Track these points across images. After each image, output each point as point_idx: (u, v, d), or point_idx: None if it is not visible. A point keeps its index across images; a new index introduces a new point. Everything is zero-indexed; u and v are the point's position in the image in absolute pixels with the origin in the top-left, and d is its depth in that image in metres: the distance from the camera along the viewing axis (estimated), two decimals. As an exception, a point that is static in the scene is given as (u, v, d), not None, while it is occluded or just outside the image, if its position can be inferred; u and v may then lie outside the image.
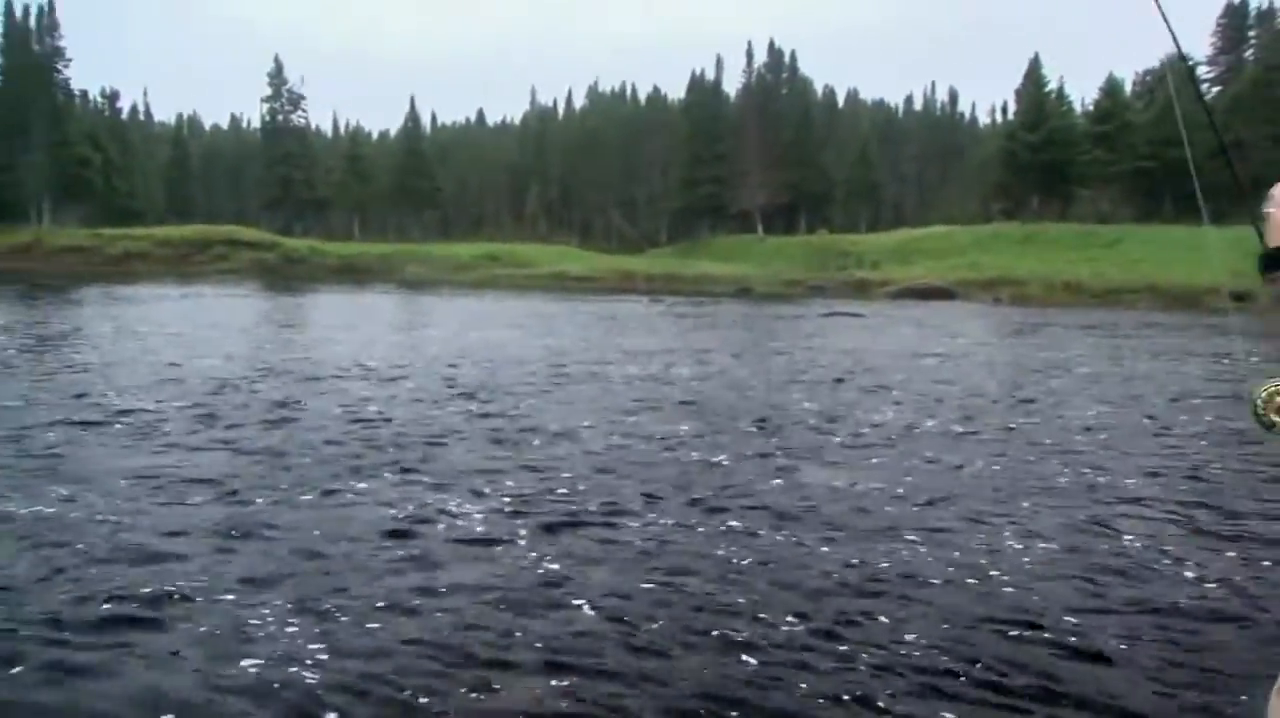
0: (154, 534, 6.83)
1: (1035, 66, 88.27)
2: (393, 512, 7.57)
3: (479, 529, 7.18)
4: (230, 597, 5.59)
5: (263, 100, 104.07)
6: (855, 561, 6.51)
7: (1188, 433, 12.28)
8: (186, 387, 14.34)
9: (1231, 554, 6.82)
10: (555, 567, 6.30)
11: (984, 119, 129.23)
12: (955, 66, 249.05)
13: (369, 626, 5.24)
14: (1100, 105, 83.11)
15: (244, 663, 4.74)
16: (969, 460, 10.12)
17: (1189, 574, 6.35)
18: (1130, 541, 7.12)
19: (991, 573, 6.30)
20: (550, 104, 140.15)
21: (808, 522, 7.55)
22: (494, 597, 5.68)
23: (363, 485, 8.42)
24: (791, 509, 7.90)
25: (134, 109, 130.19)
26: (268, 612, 5.37)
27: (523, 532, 7.11)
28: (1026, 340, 28.53)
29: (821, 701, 4.47)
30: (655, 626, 5.33)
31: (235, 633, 5.09)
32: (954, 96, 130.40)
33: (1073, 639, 5.18)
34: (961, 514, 7.82)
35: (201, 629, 5.12)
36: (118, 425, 11.17)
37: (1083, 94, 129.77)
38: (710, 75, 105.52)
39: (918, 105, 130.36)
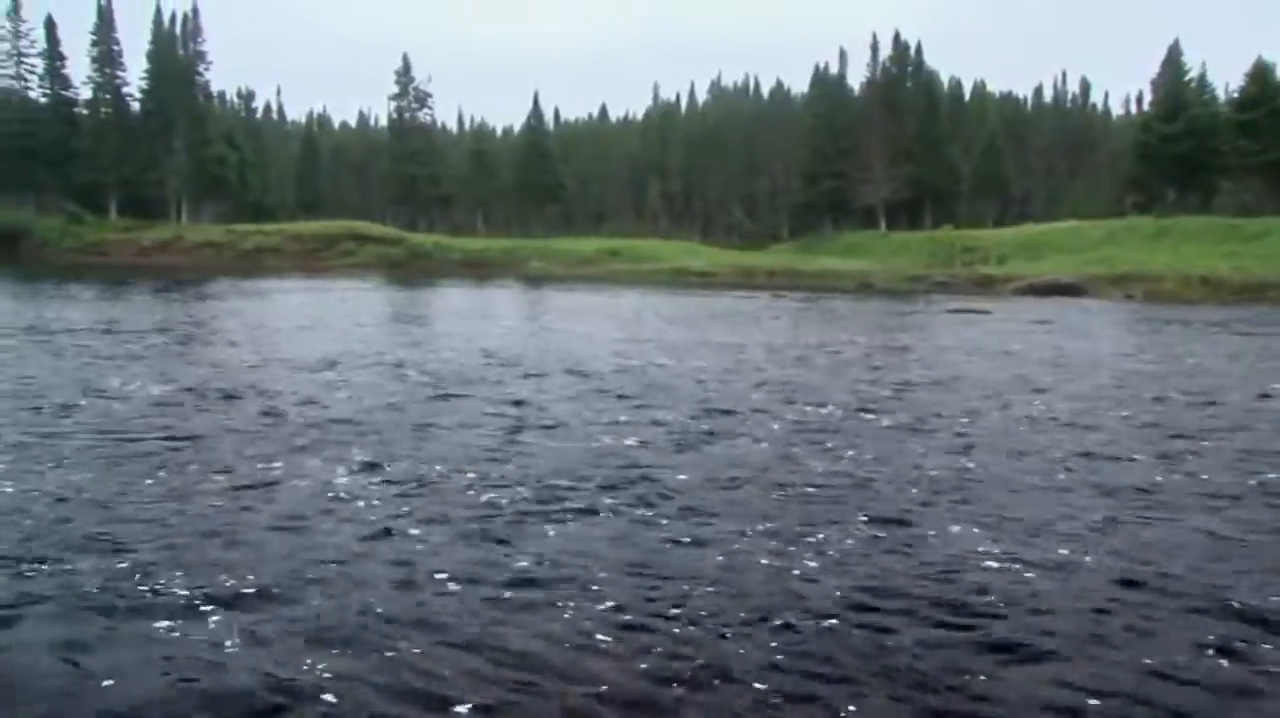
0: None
1: (1174, 53, 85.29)
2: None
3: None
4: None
5: (390, 98, 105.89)
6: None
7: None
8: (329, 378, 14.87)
9: None
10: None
11: (1117, 110, 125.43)
12: (1087, 57, 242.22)
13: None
14: (1246, 92, 78.98)
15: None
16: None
17: None
18: None
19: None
20: (673, 99, 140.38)
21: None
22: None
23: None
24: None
25: (267, 108, 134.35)
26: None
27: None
28: (1165, 338, 27.61)
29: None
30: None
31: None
32: (1085, 87, 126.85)
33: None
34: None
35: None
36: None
37: (1226, 81, 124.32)
38: (834, 68, 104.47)
39: (1047, 97, 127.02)
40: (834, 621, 5.63)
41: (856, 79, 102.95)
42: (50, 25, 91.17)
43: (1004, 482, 9.13)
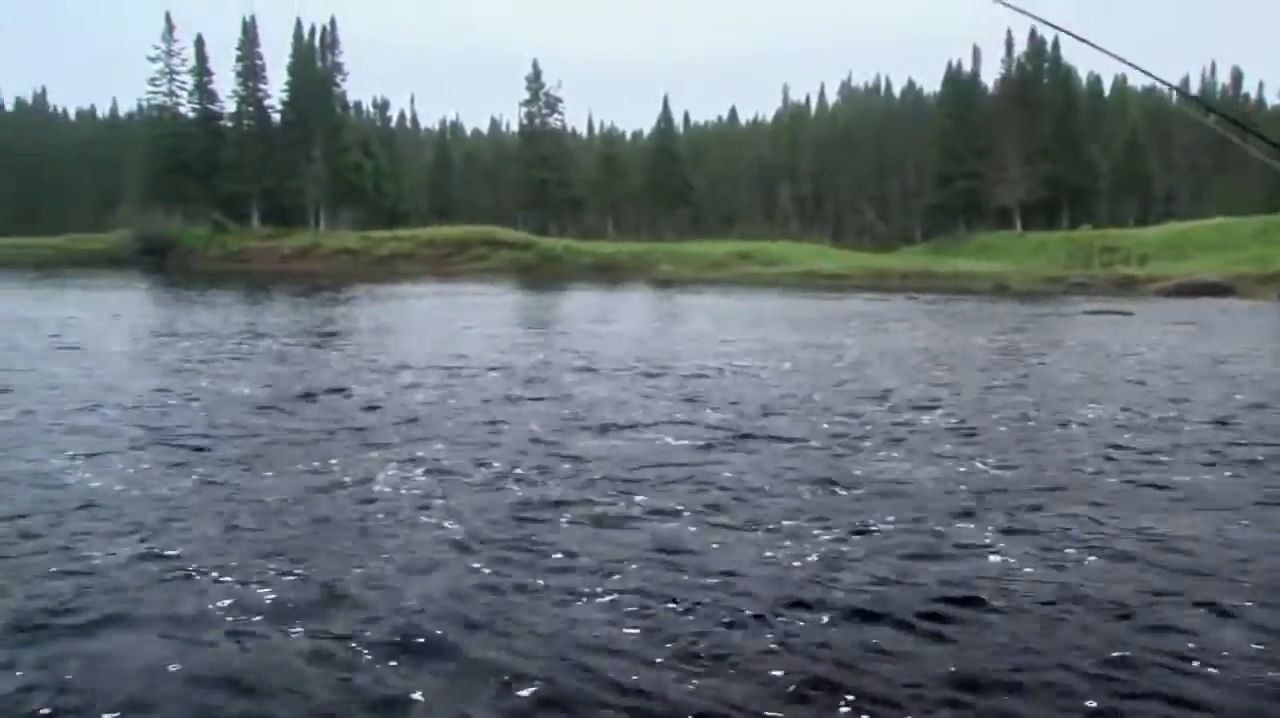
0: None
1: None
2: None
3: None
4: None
5: (521, 104, 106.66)
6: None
7: None
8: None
9: None
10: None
11: (1273, 99, 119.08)
12: (1240, 46, 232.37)
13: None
14: None
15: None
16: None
17: None
18: None
19: None
20: (802, 100, 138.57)
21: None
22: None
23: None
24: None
25: (402, 116, 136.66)
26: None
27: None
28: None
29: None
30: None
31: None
32: (1237, 77, 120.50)
33: None
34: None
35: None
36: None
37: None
38: (967, 66, 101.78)
39: (1194, 89, 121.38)
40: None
41: (990, 77, 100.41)
42: (200, 43, 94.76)
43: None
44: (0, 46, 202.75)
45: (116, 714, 4.59)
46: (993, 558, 6.80)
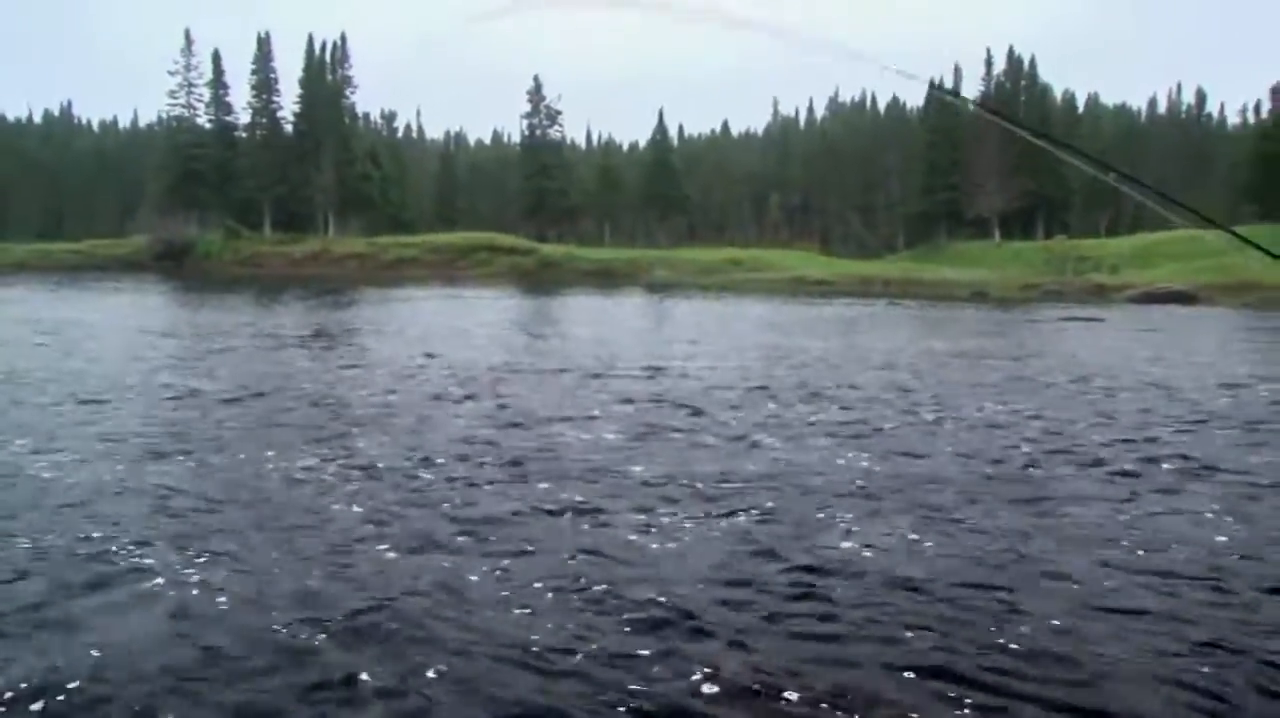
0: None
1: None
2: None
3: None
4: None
5: (522, 116, 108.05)
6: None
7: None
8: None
9: None
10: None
11: (1234, 119, 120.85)
12: (1203, 67, 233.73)
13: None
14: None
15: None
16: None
17: None
18: None
19: None
20: (792, 114, 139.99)
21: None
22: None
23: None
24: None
25: (408, 128, 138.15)
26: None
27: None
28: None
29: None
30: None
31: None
32: (1201, 98, 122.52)
33: None
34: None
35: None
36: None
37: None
38: (949, 83, 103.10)
39: (1162, 108, 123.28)
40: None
41: (970, 94, 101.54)
42: (216, 58, 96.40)
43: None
44: (30, 62, 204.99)
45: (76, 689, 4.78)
46: (845, 544, 7.20)
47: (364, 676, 4.90)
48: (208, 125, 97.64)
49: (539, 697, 4.74)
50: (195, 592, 6.10)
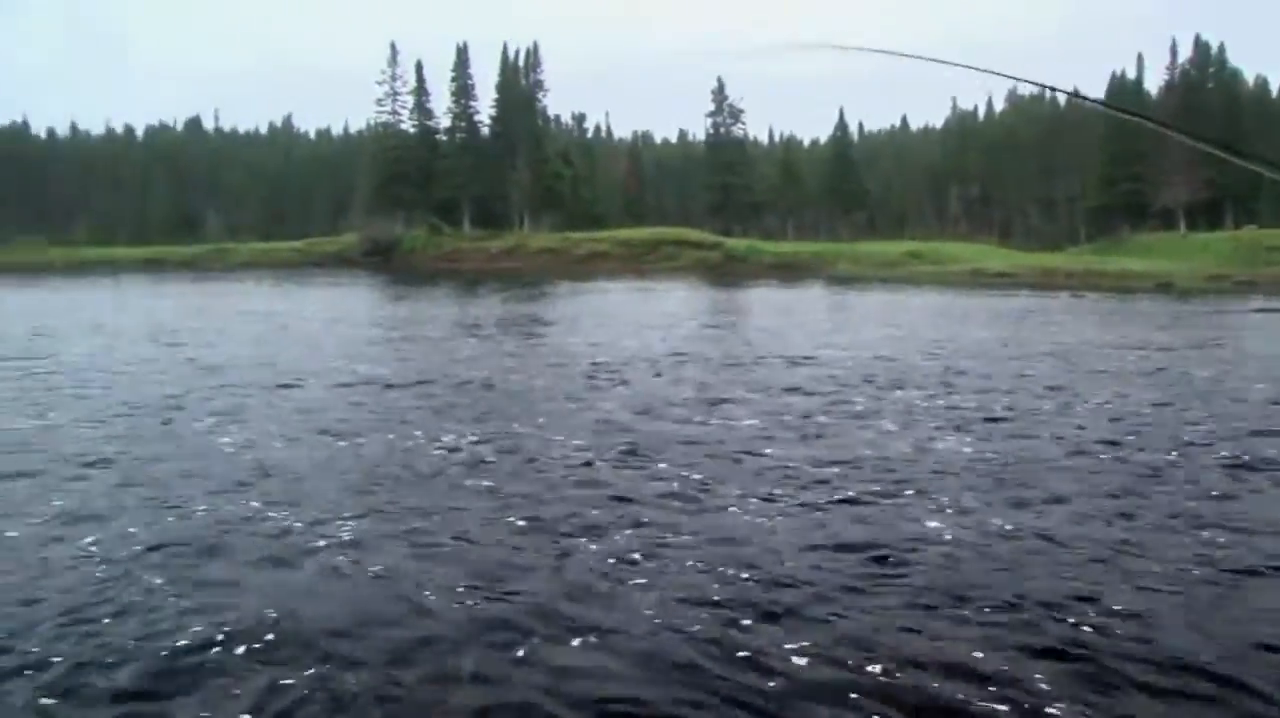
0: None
1: None
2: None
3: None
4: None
5: (707, 115, 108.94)
6: None
7: None
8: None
9: None
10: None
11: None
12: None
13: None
14: None
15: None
16: None
17: None
18: None
19: None
20: (971, 108, 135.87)
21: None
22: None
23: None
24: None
25: (597, 128, 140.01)
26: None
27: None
28: None
29: None
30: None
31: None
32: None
33: None
34: None
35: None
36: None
37: None
38: (1131, 74, 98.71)
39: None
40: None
41: (1154, 83, 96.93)
42: (419, 68, 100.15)
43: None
44: (257, 83, 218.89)
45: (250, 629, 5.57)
46: (955, 528, 7.46)
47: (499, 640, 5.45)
48: (411, 130, 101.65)
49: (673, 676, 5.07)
50: (354, 556, 6.85)
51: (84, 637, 5.51)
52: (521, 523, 7.67)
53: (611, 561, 6.76)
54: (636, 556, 6.84)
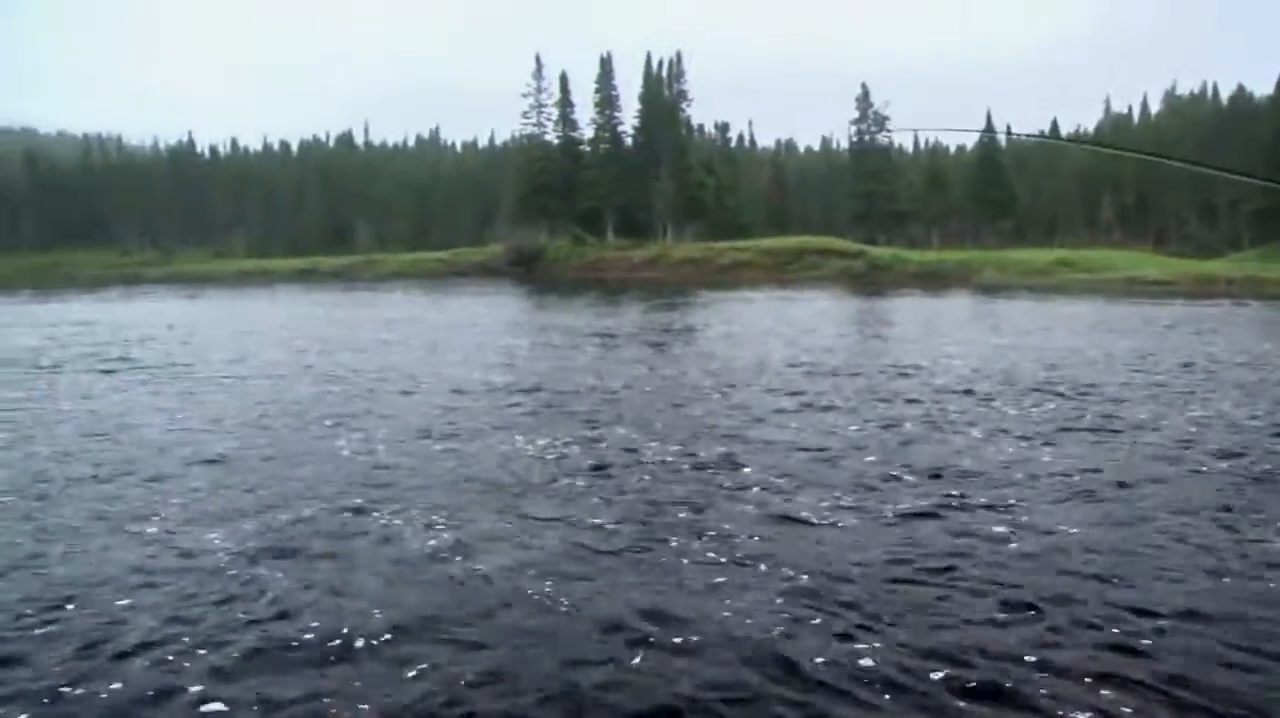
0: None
1: None
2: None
3: None
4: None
5: (851, 123, 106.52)
6: None
7: None
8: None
9: None
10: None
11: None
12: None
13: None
14: None
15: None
16: None
17: None
18: None
19: None
20: (1124, 110, 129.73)
21: None
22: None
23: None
24: None
25: (740, 137, 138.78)
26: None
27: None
28: None
29: None
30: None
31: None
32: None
33: None
34: None
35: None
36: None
37: None
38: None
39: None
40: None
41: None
42: (564, 80, 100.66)
43: None
44: (406, 98, 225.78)
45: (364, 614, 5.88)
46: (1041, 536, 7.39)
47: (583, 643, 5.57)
48: (556, 141, 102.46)
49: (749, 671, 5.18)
50: (467, 558, 7.06)
51: (202, 630, 5.73)
52: (611, 526, 7.92)
53: (686, 561, 7.01)
54: (723, 559, 7.04)
